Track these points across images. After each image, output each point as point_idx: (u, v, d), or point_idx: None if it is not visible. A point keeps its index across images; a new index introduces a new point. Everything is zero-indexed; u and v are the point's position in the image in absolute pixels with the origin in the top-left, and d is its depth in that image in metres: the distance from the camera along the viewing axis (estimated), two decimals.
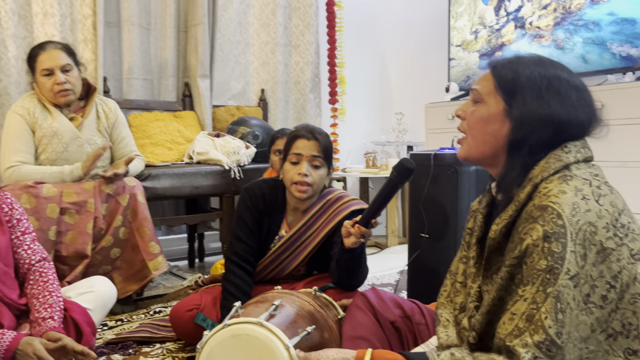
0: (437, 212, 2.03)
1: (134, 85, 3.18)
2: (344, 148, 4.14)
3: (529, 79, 0.94)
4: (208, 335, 1.18)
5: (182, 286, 2.68)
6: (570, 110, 0.93)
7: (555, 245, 0.82)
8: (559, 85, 0.94)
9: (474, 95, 1.02)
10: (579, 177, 0.89)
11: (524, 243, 0.86)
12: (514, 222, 0.93)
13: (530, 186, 0.91)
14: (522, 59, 0.99)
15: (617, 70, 2.78)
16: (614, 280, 0.84)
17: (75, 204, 2.09)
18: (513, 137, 0.94)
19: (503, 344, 0.85)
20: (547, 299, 0.81)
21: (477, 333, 0.96)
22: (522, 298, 0.85)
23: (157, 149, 2.92)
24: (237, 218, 1.82)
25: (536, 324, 0.82)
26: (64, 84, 2.18)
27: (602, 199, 0.87)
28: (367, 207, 1.50)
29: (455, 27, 3.68)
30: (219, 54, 3.42)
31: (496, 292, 0.91)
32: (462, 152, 1.05)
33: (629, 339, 0.85)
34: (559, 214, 0.83)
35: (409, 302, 1.40)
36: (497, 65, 1.00)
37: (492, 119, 0.97)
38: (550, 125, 0.92)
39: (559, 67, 0.97)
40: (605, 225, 0.85)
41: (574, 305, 0.82)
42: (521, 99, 0.94)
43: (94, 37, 2.95)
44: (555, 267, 0.82)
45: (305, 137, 1.74)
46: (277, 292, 1.49)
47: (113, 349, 1.84)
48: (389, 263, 3.26)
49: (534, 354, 0.81)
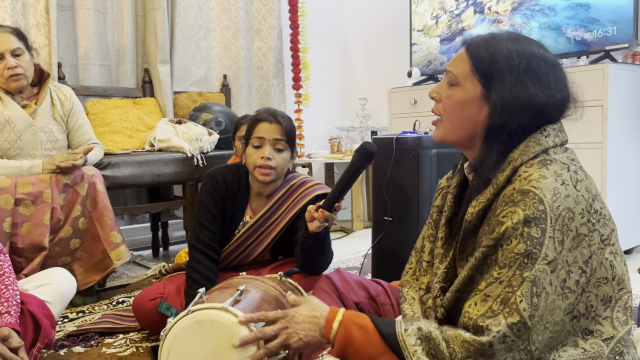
0: (399, 195, 2.06)
1: (91, 72, 3.08)
2: (309, 134, 4.13)
3: (507, 61, 0.91)
4: (172, 322, 1.16)
5: (146, 275, 2.64)
6: (549, 93, 0.92)
7: (535, 231, 0.82)
8: (537, 65, 0.92)
9: (449, 78, 0.99)
10: (558, 161, 0.89)
11: (502, 226, 0.85)
12: (491, 204, 0.92)
13: (509, 169, 0.91)
14: (498, 37, 0.96)
15: (572, 55, 2.86)
16: (585, 265, 0.86)
17: (30, 194, 2.02)
18: (492, 122, 0.92)
19: (474, 324, 0.86)
20: (524, 282, 0.82)
21: (445, 309, 0.97)
22: (497, 280, 0.85)
23: (117, 136, 2.85)
24: (200, 205, 1.79)
25: (511, 307, 0.82)
26: (15, 68, 2.10)
27: (579, 184, 0.88)
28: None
29: (417, 12, 3.70)
30: (179, 39, 3.35)
31: (467, 271, 0.92)
32: (438, 135, 1.03)
33: (588, 320, 0.87)
34: (540, 199, 0.83)
35: (374, 283, 1.41)
36: (473, 45, 0.97)
37: (470, 103, 0.95)
38: (530, 109, 0.91)
39: (534, 44, 0.95)
40: (581, 211, 0.86)
41: (551, 290, 0.83)
42: (500, 84, 0.91)
43: (46, 21, 2.84)
44: (533, 252, 0.82)
45: (268, 120, 1.73)
46: (242, 277, 1.48)
47: (74, 341, 1.80)
48: (355, 247, 3.29)
49: (504, 334, 0.82)
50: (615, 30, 2.67)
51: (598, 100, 2.55)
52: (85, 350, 1.74)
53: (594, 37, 2.75)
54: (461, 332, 0.86)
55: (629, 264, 2.68)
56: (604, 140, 2.54)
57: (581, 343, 0.87)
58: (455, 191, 1.07)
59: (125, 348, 1.75)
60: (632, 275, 2.50)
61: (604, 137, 2.54)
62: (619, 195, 2.65)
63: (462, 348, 0.85)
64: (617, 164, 2.61)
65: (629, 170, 2.73)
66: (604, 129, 2.54)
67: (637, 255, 2.89)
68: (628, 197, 2.74)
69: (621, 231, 2.87)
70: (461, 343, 0.85)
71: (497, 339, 0.82)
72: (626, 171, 2.70)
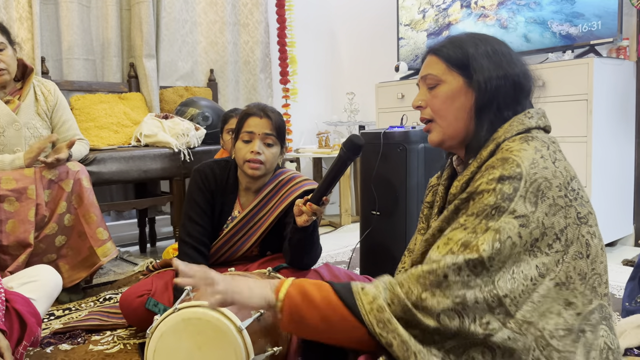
0: (387, 189, 2.07)
1: (75, 66, 3.04)
2: (297, 128, 4.12)
3: (475, 49, 0.99)
4: (158, 320, 1.16)
5: (133, 272, 2.62)
6: (519, 66, 0.99)
7: (508, 187, 0.86)
8: (499, 47, 1.01)
9: (429, 81, 1.04)
10: (539, 139, 0.94)
11: (477, 182, 0.90)
12: (474, 177, 0.95)
13: (493, 145, 0.95)
14: (458, 36, 1.04)
15: (557, 49, 2.88)
16: (561, 233, 0.88)
17: (14, 190, 1.99)
18: (480, 100, 0.98)
19: (430, 261, 0.87)
20: (487, 231, 0.85)
21: (412, 261, 1.00)
22: (462, 227, 0.88)
23: (103, 132, 2.82)
24: (189, 199, 1.78)
25: (471, 249, 0.84)
26: None
27: (557, 162, 0.92)
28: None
29: (404, 6, 3.70)
30: (165, 33, 3.32)
31: (439, 222, 0.96)
32: (436, 136, 1.05)
33: (568, 291, 0.89)
34: (518, 164, 0.87)
35: (362, 278, 1.42)
36: (440, 48, 1.04)
37: (457, 94, 1.00)
38: (509, 79, 0.97)
39: (490, 37, 1.04)
40: (559, 184, 0.89)
41: (519, 242, 0.85)
42: (478, 67, 0.98)
43: (29, 14, 2.80)
44: (502, 205, 0.85)
45: (257, 115, 1.72)
46: (230, 274, 1.48)
47: (61, 339, 1.78)
48: (343, 241, 3.30)
49: (459, 266, 0.83)
50: (600, 24, 2.69)
51: (583, 95, 2.57)
52: (72, 347, 1.73)
53: (579, 32, 2.77)
54: (415, 269, 0.87)
55: (613, 256, 2.72)
56: (589, 134, 2.57)
57: (563, 313, 0.89)
58: (446, 183, 1.10)
59: (113, 345, 1.74)
60: (617, 267, 2.53)
61: (588, 131, 2.57)
62: (604, 188, 2.68)
63: (417, 283, 0.86)
64: (601, 158, 2.64)
65: (613, 164, 2.76)
66: (588, 123, 2.57)
67: (622, 247, 2.93)
68: (612, 190, 2.78)
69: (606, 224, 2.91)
70: (416, 278, 0.86)
71: (451, 269, 0.83)
72: (610, 164, 2.73)
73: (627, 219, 2.93)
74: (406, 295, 0.86)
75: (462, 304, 0.83)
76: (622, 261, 2.61)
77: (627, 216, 2.92)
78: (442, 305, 0.83)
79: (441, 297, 0.84)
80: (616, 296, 2.11)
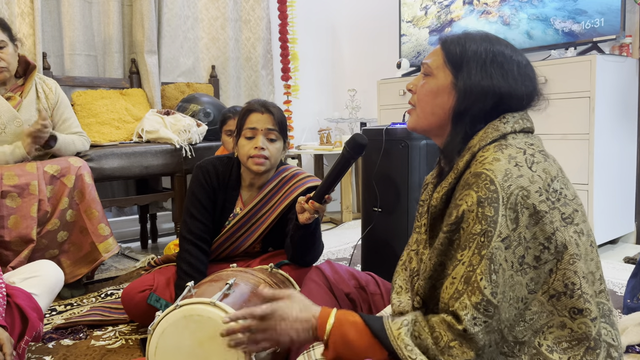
0: (389, 186, 2.06)
1: (77, 62, 3.04)
2: (298, 125, 4.12)
3: (474, 53, 0.98)
4: (160, 317, 1.16)
5: (135, 268, 2.63)
6: (512, 83, 0.97)
7: (489, 210, 0.86)
8: (503, 59, 0.98)
9: (424, 69, 1.05)
10: (513, 146, 0.93)
11: (460, 209, 0.90)
12: (454, 189, 0.96)
13: (468, 155, 0.95)
14: (471, 35, 1.03)
15: (560, 46, 2.88)
16: (548, 241, 0.88)
17: (17, 186, 2.00)
18: (457, 107, 0.98)
19: (447, 308, 0.88)
20: (482, 260, 0.85)
21: (421, 298, 0.99)
22: (460, 262, 0.89)
23: (104, 128, 2.82)
24: (191, 195, 1.78)
25: (473, 285, 0.85)
26: None
27: (535, 165, 0.91)
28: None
29: (406, 3, 3.69)
30: (166, 29, 3.31)
31: (436, 257, 0.95)
32: (411, 123, 1.09)
33: (573, 299, 0.88)
34: (491, 180, 0.87)
35: (364, 274, 1.42)
36: (447, 40, 1.03)
37: (441, 91, 1.01)
38: (491, 96, 0.96)
39: (504, 44, 1.01)
40: (538, 189, 0.88)
41: (507, 266, 0.86)
42: (467, 72, 0.97)
43: (31, 10, 2.79)
44: (488, 230, 0.85)
45: (259, 110, 1.72)
46: (231, 270, 1.48)
47: (62, 334, 1.79)
48: (344, 238, 3.30)
49: (472, 315, 0.84)
50: (602, 21, 2.68)
51: (585, 92, 2.56)
52: (74, 342, 1.73)
53: (581, 29, 2.76)
54: (444, 316, 0.89)
55: (615, 253, 2.73)
56: (591, 131, 2.56)
57: (569, 323, 0.88)
58: (434, 181, 1.11)
59: (115, 340, 1.74)
60: (618, 264, 2.53)
61: (590, 128, 2.56)
62: (605, 186, 2.68)
63: (448, 332, 0.87)
64: (603, 155, 2.63)
65: (615, 161, 2.75)
66: (591, 120, 2.56)
67: (623, 245, 2.93)
68: (614, 188, 2.77)
69: (607, 221, 2.89)
70: (447, 327, 0.87)
71: (467, 322, 0.84)
72: (612, 162, 2.73)
73: (628, 216, 2.92)
74: (435, 341, 0.88)
75: (482, 349, 0.86)
76: (624, 259, 2.61)
77: (628, 214, 2.92)
78: (465, 356, 0.86)
79: (467, 348, 0.85)
80: (617, 293, 2.11)
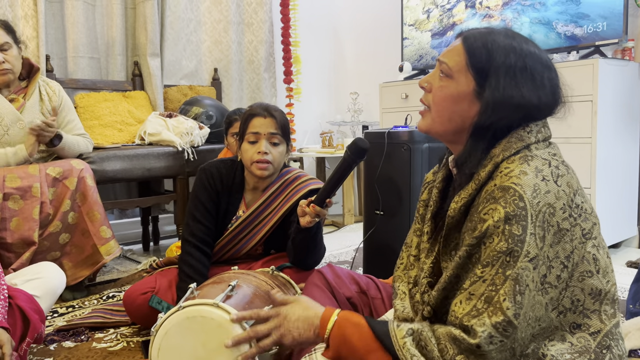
0: (391, 189, 2.06)
1: (80, 64, 3.05)
2: (300, 128, 4.12)
3: (504, 59, 0.90)
4: (163, 318, 1.16)
5: (137, 270, 2.63)
6: (542, 95, 0.91)
7: (516, 228, 0.82)
8: (533, 65, 0.91)
9: (443, 68, 0.96)
10: (539, 157, 0.89)
11: (485, 224, 0.85)
12: (473, 200, 0.92)
13: (491, 165, 0.90)
14: (496, 33, 0.94)
15: (562, 50, 2.88)
16: (567, 260, 0.86)
17: (19, 189, 2.00)
18: (481, 120, 0.91)
19: (460, 323, 0.85)
20: (507, 281, 0.82)
21: (432, 308, 0.97)
22: (480, 279, 0.85)
23: (107, 130, 2.82)
24: (193, 198, 1.78)
25: (495, 306, 0.82)
26: (3, 63, 2.07)
27: (560, 179, 0.87)
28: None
29: (408, 7, 3.70)
30: (169, 32, 3.32)
31: (453, 270, 0.91)
32: (424, 126, 1.01)
33: (575, 314, 0.87)
34: (520, 196, 0.83)
35: (365, 278, 1.42)
36: (470, 38, 0.94)
37: (461, 98, 0.93)
38: (521, 111, 0.90)
39: (530, 43, 0.94)
40: (562, 206, 0.85)
41: (532, 287, 0.83)
42: (495, 82, 0.90)
43: (35, 13, 2.81)
44: (515, 249, 0.82)
45: (261, 115, 1.72)
46: (233, 272, 1.48)
47: (64, 336, 1.79)
48: (346, 241, 3.30)
49: (490, 333, 0.81)
50: (605, 25, 2.68)
51: (588, 96, 2.56)
52: (76, 345, 1.73)
53: (584, 33, 2.76)
54: (451, 329, 0.86)
55: (617, 257, 2.72)
56: (594, 135, 2.56)
57: (569, 337, 0.87)
58: (440, 185, 1.07)
59: (116, 343, 1.74)
60: (621, 268, 2.52)
61: (593, 132, 2.56)
62: (608, 189, 2.67)
63: (454, 345, 0.84)
64: (606, 159, 2.63)
65: (617, 165, 2.75)
66: (593, 124, 2.56)
67: (626, 249, 2.92)
68: (616, 191, 2.77)
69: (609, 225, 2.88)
70: (453, 340, 0.85)
71: (483, 339, 0.81)
72: (615, 166, 2.73)
73: (631, 220, 2.92)
74: (441, 353, 0.85)
75: None
76: (626, 263, 2.61)
77: (631, 218, 2.92)
78: None
79: None
80: (620, 298, 2.10)
